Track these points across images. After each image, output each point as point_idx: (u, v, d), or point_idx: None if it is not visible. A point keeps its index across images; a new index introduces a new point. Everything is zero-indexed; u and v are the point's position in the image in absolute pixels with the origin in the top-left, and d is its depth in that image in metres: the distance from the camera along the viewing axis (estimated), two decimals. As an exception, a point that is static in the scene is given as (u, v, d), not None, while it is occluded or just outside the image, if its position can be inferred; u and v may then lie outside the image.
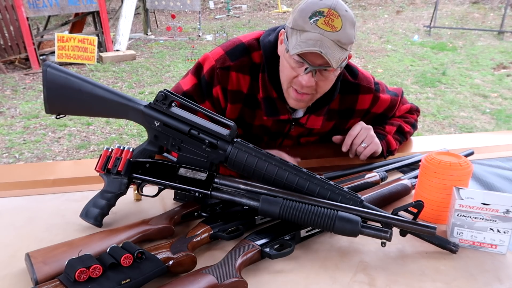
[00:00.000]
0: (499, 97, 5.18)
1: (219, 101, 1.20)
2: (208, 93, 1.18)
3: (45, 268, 0.72)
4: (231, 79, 1.17)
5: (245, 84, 1.18)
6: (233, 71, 1.16)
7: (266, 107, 1.18)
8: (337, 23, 0.98)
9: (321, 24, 0.97)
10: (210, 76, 1.17)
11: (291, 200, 0.83)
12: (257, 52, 1.17)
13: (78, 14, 6.96)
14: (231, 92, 1.18)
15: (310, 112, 1.22)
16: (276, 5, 11.42)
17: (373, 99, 1.28)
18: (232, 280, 0.72)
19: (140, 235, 0.84)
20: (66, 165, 1.27)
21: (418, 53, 7.10)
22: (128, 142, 3.97)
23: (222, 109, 1.21)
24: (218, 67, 1.15)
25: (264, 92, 1.17)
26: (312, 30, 0.97)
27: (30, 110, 4.66)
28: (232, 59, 1.16)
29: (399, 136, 1.34)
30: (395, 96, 1.34)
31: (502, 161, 1.31)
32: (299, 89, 1.07)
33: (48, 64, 0.91)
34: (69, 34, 6.48)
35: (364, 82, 1.26)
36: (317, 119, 1.23)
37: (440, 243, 0.86)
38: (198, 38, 8.33)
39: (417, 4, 10.78)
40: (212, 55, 1.18)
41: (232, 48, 1.18)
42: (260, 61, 1.17)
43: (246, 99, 1.20)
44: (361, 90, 1.26)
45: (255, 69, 1.17)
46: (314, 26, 0.97)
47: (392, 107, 1.34)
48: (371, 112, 1.32)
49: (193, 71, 1.20)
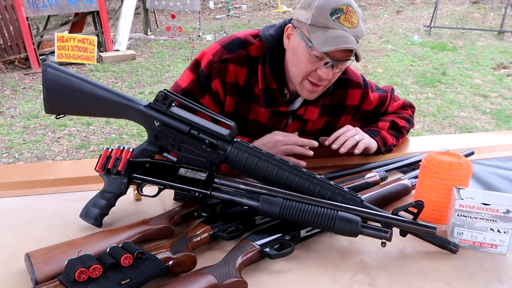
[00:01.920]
0: (499, 97, 5.18)
1: (219, 95, 1.21)
2: (207, 87, 1.19)
3: (45, 268, 0.72)
4: (229, 71, 1.18)
5: (242, 76, 1.20)
6: (231, 63, 1.18)
7: (265, 99, 1.20)
8: (354, 19, 1.03)
9: (343, 21, 1.02)
10: (208, 71, 1.18)
11: (291, 200, 0.83)
12: (253, 45, 1.20)
13: (78, 14, 6.96)
14: (229, 84, 1.20)
15: (307, 103, 1.24)
16: (276, 5, 11.42)
17: (362, 94, 1.31)
18: (232, 280, 0.72)
19: (140, 235, 0.84)
20: (66, 165, 1.26)
21: (418, 53, 7.10)
22: (128, 142, 3.97)
23: (221, 102, 1.23)
24: (216, 61, 1.17)
25: (263, 84, 1.19)
26: (337, 27, 1.02)
27: (30, 110, 4.65)
28: (229, 52, 1.18)
29: (394, 132, 1.34)
30: (385, 92, 1.37)
31: (502, 161, 1.31)
32: (317, 81, 1.11)
33: (48, 64, 0.91)
34: (69, 34, 6.48)
35: (353, 77, 1.30)
36: (314, 110, 1.26)
37: (440, 243, 0.86)
38: (198, 38, 8.33)
39: (417, 4, 10.78)
40: (209, 50, 1.20)
41: (228, 42, 1.20)
42: (257, 54, 1.19)
43: (241, 91, 1.22)
44: (350, 85, 1.29)
45: (252, 62, 1.19)
46: (337, 23, 1.02)
47: (382, 104, 1.36)
48: (361, 110, 1.34)
49: (191, 67, 1.22)
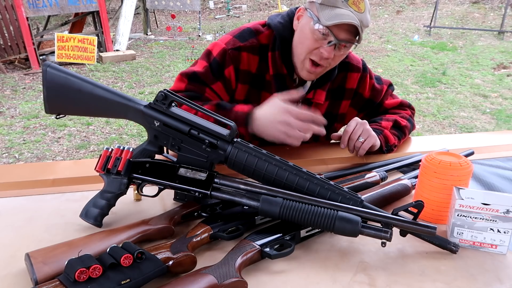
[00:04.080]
0: (499, 97, 5.18)
1: (231, 82, 1.25)
2: (220, 74, 1.23)
3: (45, 268, 0.72)
4: (242, 59, 1.24)
5: (254, 64, 1.25)
6: (244, 51, 1.24)
7: (277, 83, 1.25)
8: (362, 6, 1.11)
9: (351, 3, 1.10)
10: (222, 58, 1.22)
11: (291, 200, 0.83)
12: (263, 34, 1.26)
13: (78, 14, 6.97)
14: (242, 72, 1.25)
15: (315, 87, 1.31)
16: (276, 5, 11.42)
17: (360, 77, 1.36)
18: (232, 280, 0.72)
19: (140, 235, 0.84)
20: (66, 165, 1.26)
21: (418, 53, 7.10)
22: (128, 142, 3.97)
23: (232, 90, 1.27)
24: (229, 49, 1.22)
25: (274, 70, 1.24)
26: (344, 7, 1.09)
27: (30, 110, 4.66)
28: (241, 40, 1.24)
29: (396, 131, 1.34)
30: (381, 84, 1.42)
31: (502, 161, 1.31)
32: (318, 60, 1.16)
33: (48, 64, 0.91)
34: (69, 34, 6.48)
35: (354, 61, 1.36)
36: (322, 94, 1.32)
37: (440, 243, 0.86)
38: (198, 38, 8.33)
39: (417, 4, 10.78)
40: (221, 40, 1.25)
41: (239, 32, 1.27)
42: (267, 42, 1.25)
43: (253, 79, 1.27)
44: (350, 68, 1.35)
45: (263, 50, 1.25)
46: (345, 4, 1.09)
47: (378, 92, 1.40)
48: (358, 93, 1.39)
49: (203, 57, 1.26)
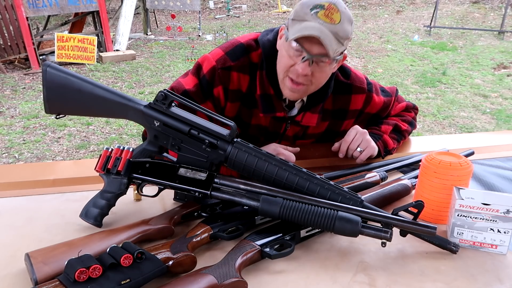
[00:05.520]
0: (499, 97, 5.18)
1: (220, 101, 1.21)
2: (209, 93, 1.19)
3: (45, 268, 0.72)
4: (232, 79, 1.18)
5: (245, 83, 1.20)
6: (234, 71, 1.18)
7: (263, 104, 1.20)
8: (336, 17, 1.02)
9: (321, 15, 1.01)
10: (211, 76, 1.18)
11: (291, 200, 0.83)
12: (255, 52, 1.20)
13: (78, 14, 6.96)
14: (232, 91, 1.20)
15: (305, 109, 1.24)
16: (276, 5, 11.42)
17: (366, 99, 1.30)
18: (232, 280, 0.72)
19: (140, 235, 0.84)
20: (66, 165, 1.26)
21: (418, 53, 7.10)
22: (128, 142, 3.97)
23: (221, 108, 1.23)
24: (219, 68, 1.17)
25: (261, 89, 1.19)
26: (312, 20, 1.02)
27: (29, 110, 4.65)
28: (232, 59, 1.18)
29: (396, 135, 1.34)
30: (389, 96, 1.36)
31: (502, 161, 1.31)
32: (295, 77, 1.09)
33: (48, 64, 0.91)
34: (68, 34, 6.47)
35: (357, 82, 1.28)
36: (312, 116, 1.25)
37: (440, 243, 0.86)
38: (198, 38, 8.33)
39: (417, 4, 10.78)
40: (212, 55, 1.19)
41: (232, 49, 1.19)
42: (258, 60, 1.19)
43: (244, 98, 1.22)
44: (354, 90, 1.28)
45: (253, 69, 1.19)
46: (314, 16, 1.02)
47: (386, 108, 1.35)
48: (364, 113, 1.33)
49: (193, 71, 1.21)
